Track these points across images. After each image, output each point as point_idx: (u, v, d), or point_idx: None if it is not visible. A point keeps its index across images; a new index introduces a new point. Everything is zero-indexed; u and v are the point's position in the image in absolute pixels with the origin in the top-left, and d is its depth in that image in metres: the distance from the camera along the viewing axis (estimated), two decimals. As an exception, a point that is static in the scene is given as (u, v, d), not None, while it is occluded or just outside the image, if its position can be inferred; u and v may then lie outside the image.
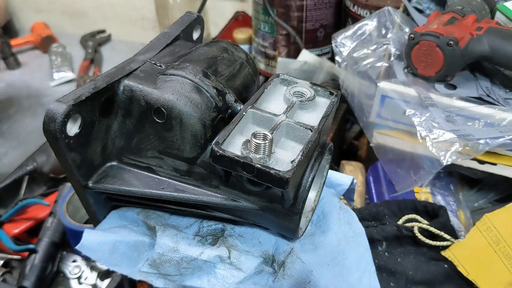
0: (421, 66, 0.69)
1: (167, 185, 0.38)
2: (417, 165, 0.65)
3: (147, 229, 0.41)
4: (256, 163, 0.30)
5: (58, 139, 0.32)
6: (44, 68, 1.42)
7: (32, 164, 0.93)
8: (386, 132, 0.73)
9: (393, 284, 0.61)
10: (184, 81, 0.36)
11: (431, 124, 0.63)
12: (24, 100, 1.30)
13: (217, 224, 0.41)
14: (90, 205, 0.40)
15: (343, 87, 0.82)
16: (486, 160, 0.64)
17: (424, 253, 0.62)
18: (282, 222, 0.36)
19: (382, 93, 0.71)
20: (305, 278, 0.38)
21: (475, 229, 0.58)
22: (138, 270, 0.39)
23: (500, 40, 0.64)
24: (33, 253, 0.75)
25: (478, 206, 0.74)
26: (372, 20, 0.82)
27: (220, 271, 0.38)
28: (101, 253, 0.38)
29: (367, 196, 0.80)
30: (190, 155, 0.37)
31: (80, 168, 0.36)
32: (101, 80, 0.35)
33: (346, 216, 0.45)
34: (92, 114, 0.35)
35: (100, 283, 0.77)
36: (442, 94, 0.68)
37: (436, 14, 0.73)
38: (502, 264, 0.56)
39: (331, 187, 0.49)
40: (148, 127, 0.37)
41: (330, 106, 0.37)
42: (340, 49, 0.84)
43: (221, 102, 0.37)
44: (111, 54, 1.51)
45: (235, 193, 0.36)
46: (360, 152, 1.01)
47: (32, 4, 1.66)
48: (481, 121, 0.64)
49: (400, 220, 0.64)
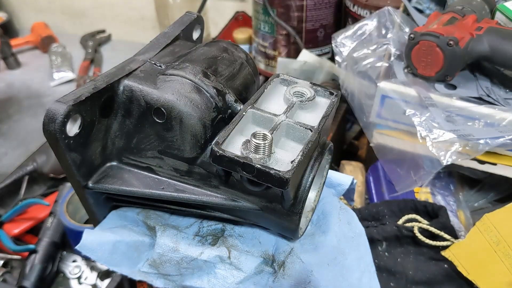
0: (421, 66, 0.69)
1: (167, 185, 0.38)
2: (417, 165, 0.65)
3: (147, 229, 0.41)
4: (256, 163, 0.30)
5: (58, 139, 0.32)
6: (44, 68, 1.42)
7: (32, 164, 0.93)
8: (386, 132, 0.73)
9: (393, 284, 0.61)
10: (184, 81, 0.36)
11: (431, 124, 0.63)
12: (24, 100, 1.30)
13: (217, 224, 0.41)
14: (90, 205, 0.40)
15: (343, 87, 0.82)
16: (486, 160, 0.64)
17: (424, 253, 0.62)
18: (282, 222, 0.36)
19: (382, 93, 0.71)
20: (305, 278, 0.38)
21: (475, 229, 0.58)
22: (138, 270, 0.39)
23: (500, 40, 0.64)
24: (33, 253, 0.75)
25: (478, 206, 0.74)
26: (372, 20, 0.82)
27: (220, 271, 0.38)
28: (101, 253, 0.39)
29: (367, 196, 0.80)
30: (190, 155, 0.37)
31: (80, 168, 0.36)
32: (101, 80, 0.35)
33: (346, 216, 0.45)
34: (92, 114, 0.35)
35: (100, 283, 0.77)
36: (442, 94, 0.68)
37: (436, 14, 0.73)
38: (502, 264, 0.56)
39: (331, 187, 0.49)
40: (148, 127, 0.37)
41: (330, 106, 0.37)
42: (340, 49, 0.84)
43: (221, 102, 0.37)
44: (111, 54, 1.52)
45: (235, 193, 0.36)
46: (360, 152, 1.01)
47: (32, 4, 1.66)
48: (481, 121, 0.64)
49: (400, 220, 0.64)
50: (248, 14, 1.29)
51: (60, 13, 1.66)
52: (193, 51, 0.41)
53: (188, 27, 0.46)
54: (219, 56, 0.40)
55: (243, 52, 0.43)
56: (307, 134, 0.34)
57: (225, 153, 0.31)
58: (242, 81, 0.41)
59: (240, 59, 0.42)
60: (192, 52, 0.41)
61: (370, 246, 0.46)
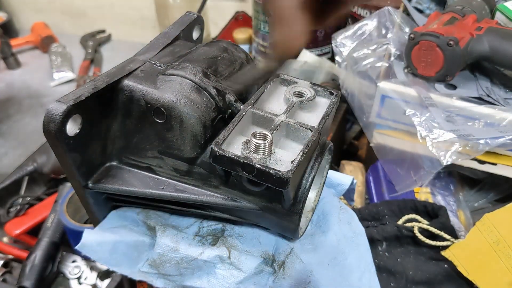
0: (421, 66, 0.69)
1: (167, 185, 0.38)
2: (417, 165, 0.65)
3: (147, 229, 0.41)
4: (256, 163, 0.30)
5: (58, 139, 0.32)
6: (44, 68, 1.42)
7: (32, 165, 0.93)
8: (386, 132, 0.73)
9: (393, 284, 0.61)
10: (184, 81, 0.36)
11: (431, 124, 0.63)
12: (24, 100, 1.30)
13: (217, 224, 0.41)
14: (90, 205, 0.40)
15: (343, 87, 0.82)
16: (486, 160, 0.64)
17: (424, 253, 0.62)
18: (282, 222, 0.36)
19: (382, 93, 0.71)
20: (305, 278, 0.38)
21: (475, 229, 0.58)
22: (138, 270, 0.39)
23: (500, 40, 0.64)
24: (33, 253, 0.75)
25: (478, 206, 0.74)
26: (372, 20, 0.82)
27: (220, 271, 0.38)
28: (101, 253, 0.39)
29: (367, 196, 0.80)
30: (190, 155, 0.37)
31: (80, 168, 0.36)
32: (101, 80, 0.35)
33: (346, 216, 0.45)
34: (92, 114, 0.35)
35: (100, 283, 0.76)
36: (442, 94, 0.68)
37: (436, 14, 0.73)
38: (502, 264, 0.56)
39: (331, 187, 0.49)
40: (148, 127, 0.37)
41: (330, 106, 0.37)
42: (340, 49, 0.84)
43: (221, 102, 0.37)
44: (111, 54, 1.52)
45: (235, 193, 0.36)
46: (360, 152, 1.01)
47: (32, 4, 1.66)
48: (481, 121, 0.64)
49: (400, 220, 0.64)
50: (248, 14, 1.29)
51: (60, 13, 1.66)
52: (193, 51, 0.41)
53: (188, 27, 0.46)
54: (219, 56, 0.40)
55: (243, 52, 0.43)
56: (307, 134, 0.34)
57: (225, 153, 0.31)
58: (242, 81, 0.41)
59: (240, 59, 0.42)
60: (192, 52, 0.41)
61: (370, 246, 0.46)
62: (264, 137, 0.32)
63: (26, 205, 0.86)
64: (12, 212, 0.84)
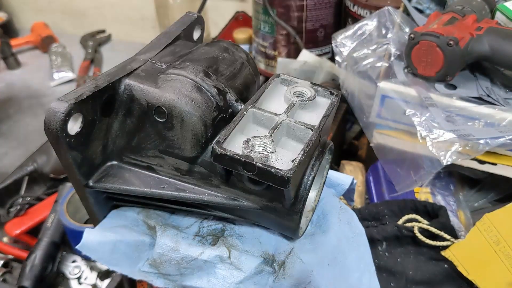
0: (421, 66, 0.69)
1: (167, 184, 0.38)
2: (417, 165, 0.65)
3: (147, 229, 0.41)
4: (257, 162, 0.30)
5: (59, 138, 0.32)
6: (44, 68, 1.42)
7: (32, 165, 0.93)
8: (386, 132, 0.73)
9: (393, 284, 0.61)
10: (185, 80, 0.36)
11: (431, 124, 0.63)
12: (24, 100, 1.30)
13: (217, 224, 0.41)
14: (90, 205, 0.40)
15: (343, 87, 0.82)
16: (486, 160, 0.64)
17: (424, 253, 0.62)
18: (283, 221, 0.36)
19: (382, 93, 0.71)
20: (305, 278, 0.38)
21: (475, 229, 0.58)
22: (138, 269, 0.39)
23: (500, 40, 0.64)
24: (33, 253, 0.75)
25: (478, 206, 0.74)
26: (372, 20, 0.82)
27: (220, 271, 0.38)
28: (101, 253, 0.38)
29: (367, 196, 0.80)
30: (191, 155, 0.37)
31: (80, 167, 0.36)
32: (102, 79, 0.35)
33: (346, 216, 0.45)
34: (93, 113, 0.35)
35: (100, 283, 0.76)
36: (442, 94, 0.68)
37: (436, 14, 0.73)
38: (502, 264, 0.56)
39: (331, 187, 0.49)
40: (149, 126, 0.37)
41: (331, 106, 0.37)
42: (340, 49, 0.84)
43: (222, 101, 0.37)
44: (111, 54, 1.52)
45: (236, 192, 0.36)
46: (360, 152, 1.01)
47: (32, 4, 1.66)
48: (481, 121, 0.64)
49: (400, 220, 0.64)
50: (248, 14, 1.29)
51: (60, 13, 1.66)
52: (194, 50, 0.41)
53: (189, 27, 0.46)
54: (220, 56, 0.40)
55: (244, 52, 0.43)
56: (308, 133, 0.34)
57: (226, 152, 0.31)
58: (243, 80, 0.41)
59: (241, 59, 0.42)
60: (193, 52, 0.41)
61: (370, 246, 0.46)
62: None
63: (26, 205, 0.86)
64: (12, 212, 0.84)
